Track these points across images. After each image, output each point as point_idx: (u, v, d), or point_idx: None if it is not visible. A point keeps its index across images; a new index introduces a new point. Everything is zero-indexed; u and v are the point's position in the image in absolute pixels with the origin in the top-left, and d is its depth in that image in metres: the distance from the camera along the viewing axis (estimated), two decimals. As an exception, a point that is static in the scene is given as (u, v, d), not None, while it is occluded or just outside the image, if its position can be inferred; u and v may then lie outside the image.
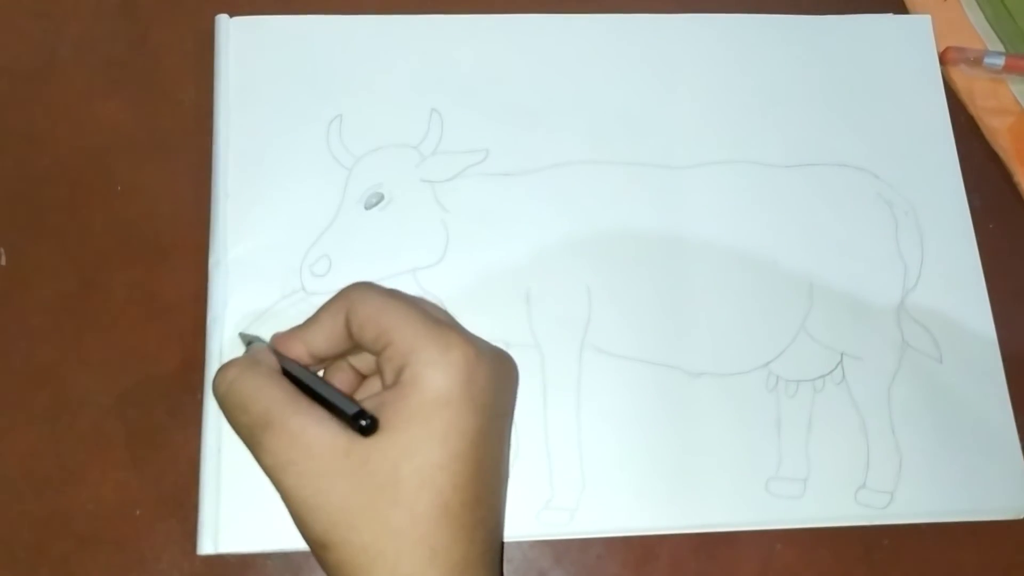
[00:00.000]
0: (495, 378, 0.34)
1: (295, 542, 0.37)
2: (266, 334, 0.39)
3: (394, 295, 0.35)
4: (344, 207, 0.42)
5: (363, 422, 0.31)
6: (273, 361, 0.34)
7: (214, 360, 0.39)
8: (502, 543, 0.37)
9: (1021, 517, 0.40)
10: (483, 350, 0.33)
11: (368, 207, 0.42)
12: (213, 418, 0.38)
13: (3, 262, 0.41)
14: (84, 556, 0.38)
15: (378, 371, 0.35)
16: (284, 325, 0.37)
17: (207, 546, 0.37)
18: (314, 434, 0.31)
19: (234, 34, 0.44)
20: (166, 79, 0.45)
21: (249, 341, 0.37)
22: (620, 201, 0.43)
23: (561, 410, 0.40)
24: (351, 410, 0.31)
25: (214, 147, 0.42)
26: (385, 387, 0.33)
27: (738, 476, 0.39)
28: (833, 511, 0.40)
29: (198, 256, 0.41)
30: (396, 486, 0.31)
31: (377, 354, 0.34)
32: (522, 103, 0.44)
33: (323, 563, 0.32)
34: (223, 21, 0.44)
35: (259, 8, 0.45)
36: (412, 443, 0.31)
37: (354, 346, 0.35)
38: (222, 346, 0.39)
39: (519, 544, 0.39)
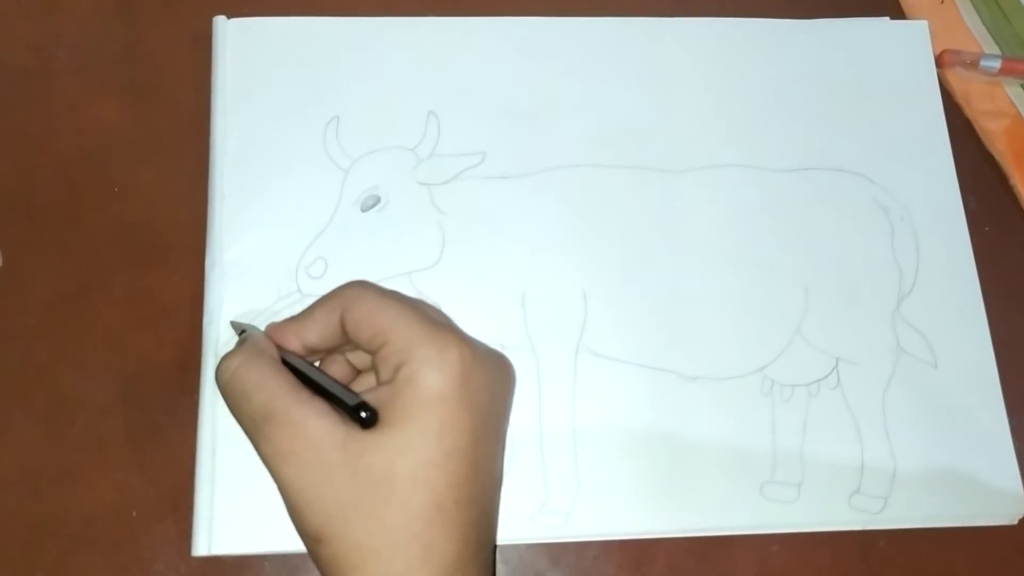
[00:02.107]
0: (491, 379, 0.34)
1: (290, 544, 0.37)
2: (261, 333, 0.39)
3: (390, 295, 0.35)
4: (340, 209, 0.42)
5: (363, 414, 0.31)
6: (274, 351, 0.35)
7: (210, 361, 0.39)
8: (495, 544, 0.37)
9: (1015, 522, 0.40)
10: (480, 351, 0.34)
11: (364, 209, 0.42)
12: (209, 419, 0.38)
13: (0, 263, 0.41)
14: (80, 557, 0.38)
15: (373, 369, 0.35)
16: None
17: (202, 547, 0.37)
18: (314, 426, 0.31)
19: (231, 35, 0.44)
20: (163, 80, 0.45)
21: (241, 330, 0.37)
22: (616, 204, 0.43)
23: (556, 413, 0.40)
24: (352, 401, 0.31)
25: (211, 148, 0.42)
26: (381, 383, 0.33)
27: (732, 480, 0.40)
28: (827, 516, 0.40)
29: (195, 257, 0.41)
30: (391, 483, 0.31)
31: (372, 353, 0.34)
32: (519, 106, 0.44)
33: (316, 558, 0.32)
34: (220, 22, 0.44)
35: (256, 10, 0.45)
36: (408, 440, 0.31)
37: (348, 342, 0.35)
38: (218, 347, 0.39)
39: (516, 546, 0.39)
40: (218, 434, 0.38)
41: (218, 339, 0.39)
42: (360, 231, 0.42)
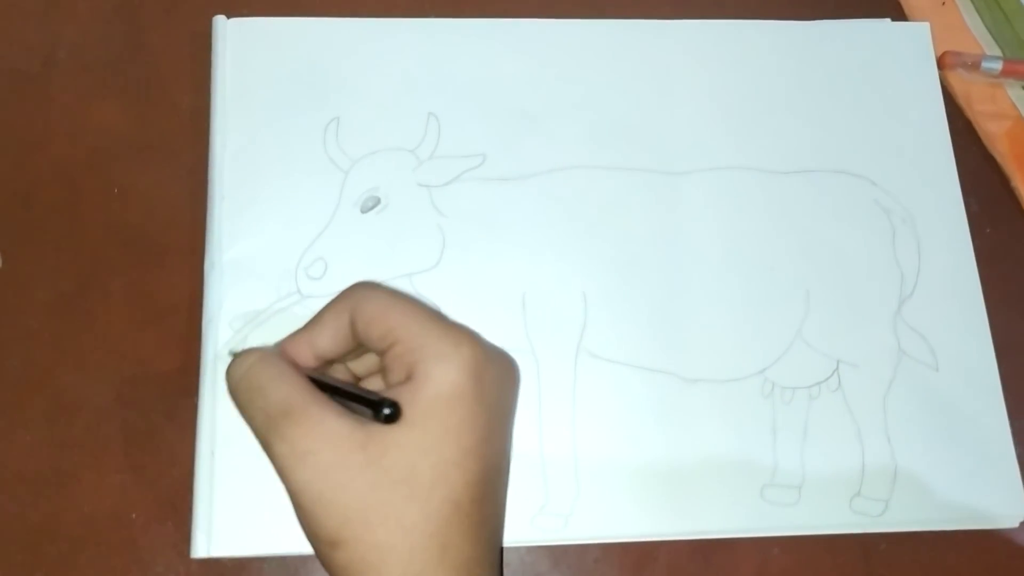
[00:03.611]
0: (501, 377, 0.34)
1: (289, 546, 0.37)
2: (262, 337, 0.39)
3: (399, 294, 0.34)
4: (340, 210, 0.42)
5: (386, 410, 0.30)
6: (288, 358, 0.34)
7: (209, 363, 0.39)
8: (503, 546, 0.37)
9: (1016, 525, 0.40)
10: (489, 349, 0.34)
11: (364, 210, 0.42)
12: (208, 421, 0.38)
13: (0, 264, 0.41)
14: (80, 559, 0.38)
15: (382, 370, 0.34)
16: (279, 327, 0.37)
17: (201, 549, 0.37)
18: (335, 424, 0.31)
19: (231, 36, 0.44)
20: (163, 81, 0.45)
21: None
22: (617, 206, 0.43)
23: (556, 415, 0.40)
24: (374, 397, 0.31)
25: (211, 149, 0.42)
26: (391, 385, 0.33)
27: (733, 483, 0.39)
28: (828, 519, 0.40)
29: (194, 258, 0.41)
30: (412, 482, 0.31)
31: (382, 353, 0.33)
32: (519, 108, 0.44)
33: (329, 563, 0.31)
34: (220, 22, 0.44)
35: (256, 10, 0.45)
36: (429, 438, 0.31)
37: (357, 346, 0.35)
38: (217, 348, 0.39)
39: (516, 548, 0.39)
40: (217, 436, 0.38)
41: (217, 340, 0.39)
42: (360, 232, 0.42)
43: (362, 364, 0.37)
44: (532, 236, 0.42)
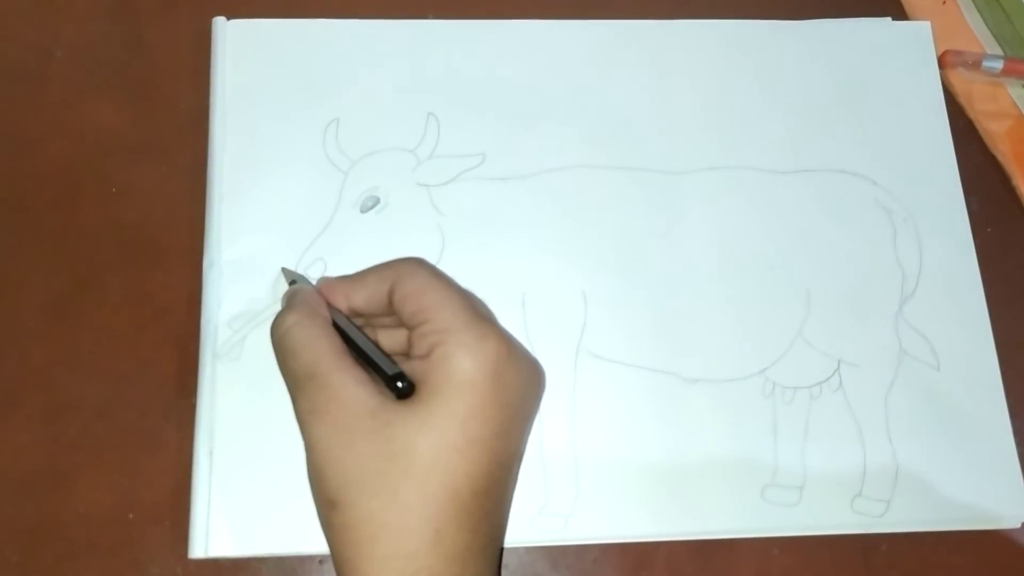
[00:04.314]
0: (523, 379, 0.34)
1: (287, 546, 0.37)
2: (262, 337, 0.39)
3: (442, 277, 0.36)
4: (340, 210, 0.42)
5: (400, 384, 0.33)
6: (326, 311, 0.36)
7: (208, 363, 0.39)
8: (503, 545, 0.37)
9: (1018, 526, 0.40)
10: (516, 350, 0.34)
11: (364, 210, 0.42)
12: (206, 421, 0.38)
13: (-3, 264, 0.41)
14: (76, 560, 0.38)
15: (407, 349, 0.35)
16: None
17: (198, 550, 0.37)
18: (352, 392, 0.32)
19: (231, 36, 0.44)
20: (162, 81, 0.45)
21: (292, 280, 0.38)
22: (617, 206, 0.43)
23: (556, 415, 0.40)
24: (391, 371, 0.33)
25: (209, 149, 0.42)
26: (412, 362, 0.34)
27: (734, 483, 0.39)
28: (829, 519, 0.39)
29: (193, 258, 0.41)
30: (409, 457, 0.31)
31: (412, 328, 0.34)
32: (519, 108, 0.44)
33: (329, 525, 0.32)
34: (220, 23, 0.44)
35: (256, 11, 0.45)
36: (431, 418, 0.32)
37: (389, 314, 0.36)
38: (215, 348, 0.39)
39: (515, 549, 0.39)
40: (215, 436, 0.38)
41: (215, 340, 0.39)
42: (359, 232, 0.41)
43: (392, 339, 0.37)
44: (532, 236, 0.42)
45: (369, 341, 0.35)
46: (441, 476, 0.31)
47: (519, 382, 0.34)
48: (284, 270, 0.40)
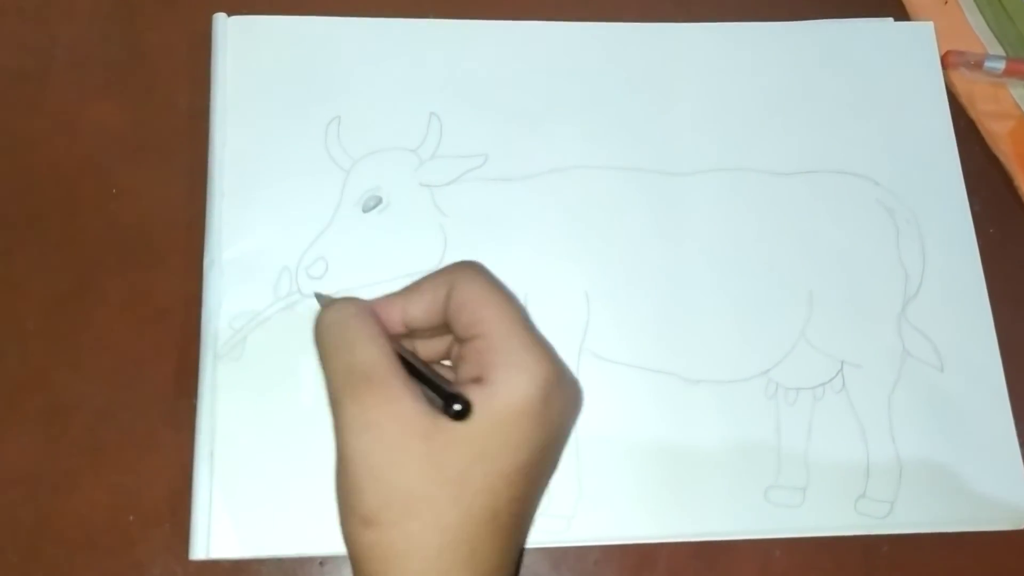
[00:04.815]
0: (567, 403, 0.33)
1: (287, 548, 0.37)
2: (262, 337, 0.39)
3: (498, 287, 0.33)
4: (341, 209, 0.42)
5: (457, 406, 0.30)
6: (381, 321, 0.33)
7: (208, 363, 0.39)
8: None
9: (1022, 527, 0.40)
10: (564, 373, 0.33)
11: (366, 210, 0.42)
12: (207, 422, 0.38)
13: (-4, 264, 0.41)
14: (77, 561, 0.38)
15: (454, 359, 0.34)
16: (279, 328, 0.37)
17: (199, 551, 0.37)
18: (409, 405, 0.30)
19: (232, 34, 0.44)
20: (162, 80, 0.44)
21: (329, 301, 0.36)
22: (619, 207, 0.43)
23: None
24: (449, 389, 0.31)
25: (210, 147, 0.42)
26: (460, 378, 0.33)
27: (737, 484, 0.39)
28: (832, 520, 0.39)
29: (193, 259, 0.41)
30: (462, 485, 0.30)
31: (463, 341, 0.33)
32: (522, 108, 0.44)
33: (356, 540, 0.31)
34: (221, 20, 0.44)
35: (257, 8, 0.45)
36: (489, 448, 0.31)
37: (442, 324, 0.34)
38: (217, 347, 0.39)
39: (516, 550, 0.39)
40: (216, 437, 0.38)
41: (216, 339, 0.39)
42: (361, 232, 0.41)
43: (430, 348, 0.36)
44: (534, 236, 0.42)
45: (421, 361, 0.33)
46: (486, 500, 0.31)
47: (565, 407, 0.33)
48: (318, 295, 0.38)
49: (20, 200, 0.42)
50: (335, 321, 0.33)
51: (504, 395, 0.31)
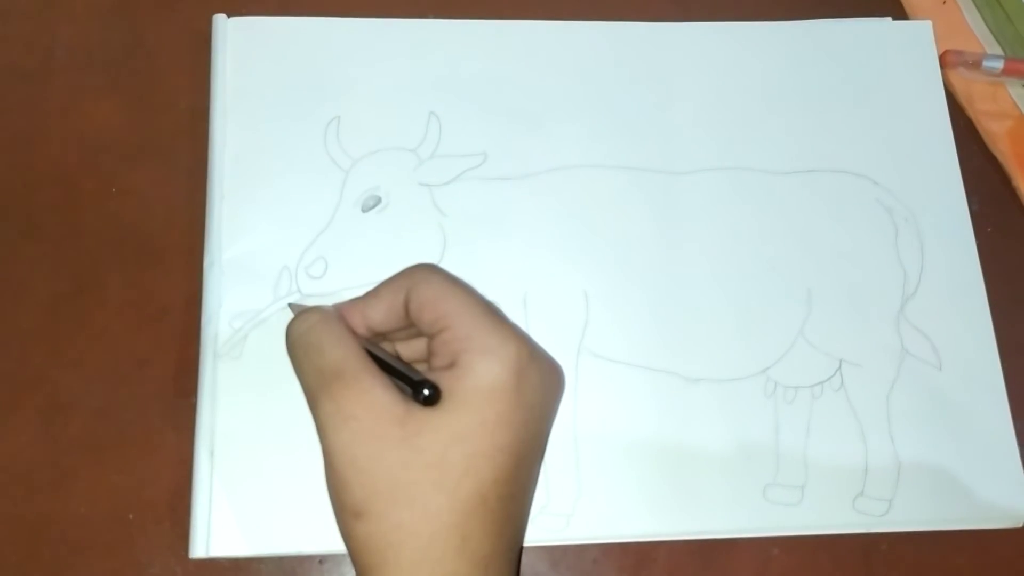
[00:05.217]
0: (544, 381, 0.34)
1: (287, 546, 0.37)
2: (262, 337, 0.39)
3: (456, 282, 0.35)
4: (341, 209, 0.42)
5: (426, 391, 0.32)
6: (346, 324, 0.35)
7: (208, 362, 0.39)
8: (522, 546, 0.37)
9: (1020, 525, 0.40)
10: (536, 351, 0.34)
11: (365, 210, 0.42)
12: (207, 420, 0.38)
13: (-4, 263, 0.41)
14: (76, 560, 0.38)
15: (428, 355, 0.35)
16: (279, 327, 0.36)
17: (199, 549, 0.37)
18: (381, 395, 0.32)
19: (231, 34, 0.44)
20: (161, 80, 0.44)
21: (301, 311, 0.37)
22: (618, 206, 0.43)
23: (558, 415, 0.39)
24: (416, 377, 0.32)
25: (210, 147, 0.42)
26: (434, 369, 0.33)
27: (735, 482, 0.39)
28: (831, 518, 0.39)
29: (192, 258, 0.41)
30: (442, 468, 0.31)
31: (431, 337, 0.34)
32: (521, 107, 0.44)
33: (350, 534, 0.32)
34: (220, 21, 0.44)
35: (257, 9, 0.45)
36: (464, 428, 0.31)
37: (408, 325, 0.35)
38: (216, 348, 0.39)
39: (515, 549, 0.39)
40: (216, 436, 0.38)
41: (216, 339, 0.39)
42: (361, 231, 0.41)
43: (411, 348, 0.37)
44: (533, 235, 0.42)
45: (387, 352, 0.35)
46: (471, 484, 0.31)
47: (541, 383, 0.34)
48: (290, 305, 0.39)
49: (20, 199, 0.42)
50: (302, 330, 0.34)
51: (472, 376, 0.32)
